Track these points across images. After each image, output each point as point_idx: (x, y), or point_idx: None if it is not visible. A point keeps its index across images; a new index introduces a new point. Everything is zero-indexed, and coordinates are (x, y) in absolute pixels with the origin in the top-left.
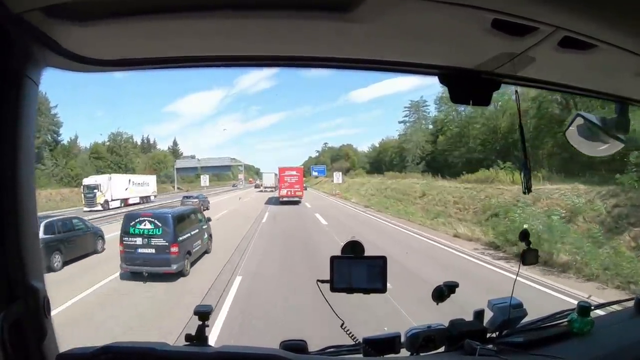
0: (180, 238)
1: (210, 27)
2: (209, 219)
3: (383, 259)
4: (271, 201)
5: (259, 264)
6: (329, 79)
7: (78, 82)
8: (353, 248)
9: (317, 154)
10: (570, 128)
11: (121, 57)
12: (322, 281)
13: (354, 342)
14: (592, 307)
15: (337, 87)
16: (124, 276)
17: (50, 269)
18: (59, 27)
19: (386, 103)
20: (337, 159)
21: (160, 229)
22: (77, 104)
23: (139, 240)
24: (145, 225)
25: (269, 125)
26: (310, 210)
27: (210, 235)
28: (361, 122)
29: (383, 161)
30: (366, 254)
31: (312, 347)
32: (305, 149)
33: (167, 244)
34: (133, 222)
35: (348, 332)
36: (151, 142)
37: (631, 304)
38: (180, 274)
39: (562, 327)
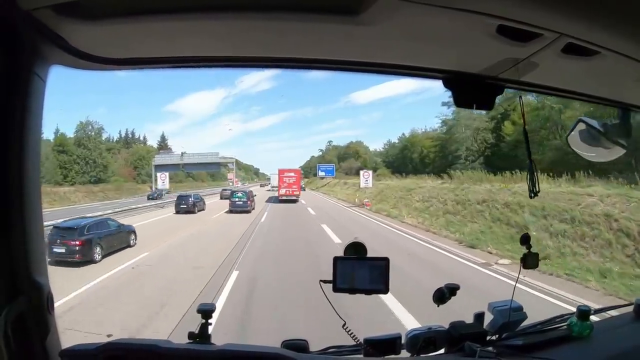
0: (251, 198)
1: (217, 28)
2: (255, 195)
3: (386, 260)
4: (271, 200)
5: None
6: (330, 80)
7: (79, 79)
8: (356, 249)
9: (321, 153)
10: (572, 133)
11: (128, 55)
12: (325, 281)
13: (355, 343)
14: (592, 312)
15: (338, 88)
16: (228, 212)
17: (192, 212)
18: (67, 25)
19: (387, 105)
20: (345, 157)
21: (244, 195)
22: (78, 100)
23: (237, 199)
24: (239, 194)
25: (269, 125)
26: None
27: (255, 202)
28: (362, 124)
29: (409, 159)
30: None
31: (313, 347)
32: (306, 149)
33: (247, 200)
34: (234, 193)
35: (349, 332)
36: (139, 137)
37: (630, 309)
38: (248, 212)
39: (561, 331)
